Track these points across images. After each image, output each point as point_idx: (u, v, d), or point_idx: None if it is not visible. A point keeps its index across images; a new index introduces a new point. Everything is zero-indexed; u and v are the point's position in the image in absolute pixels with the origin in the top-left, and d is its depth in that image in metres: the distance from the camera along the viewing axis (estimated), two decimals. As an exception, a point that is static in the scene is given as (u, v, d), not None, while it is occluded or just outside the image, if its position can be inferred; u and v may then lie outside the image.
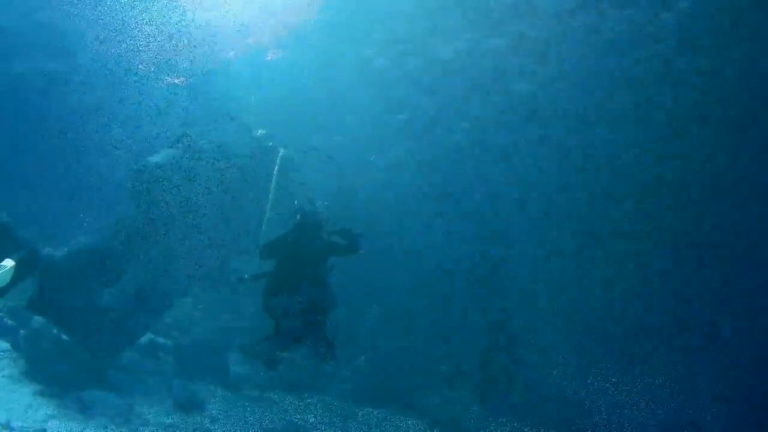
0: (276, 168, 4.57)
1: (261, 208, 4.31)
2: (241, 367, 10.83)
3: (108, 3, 17.27)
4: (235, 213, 4.27)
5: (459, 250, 18.96)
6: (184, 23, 18.56)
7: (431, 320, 14.18)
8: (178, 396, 8.81)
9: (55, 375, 7.82)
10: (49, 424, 7.00)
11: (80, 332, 3.65)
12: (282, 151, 4.77)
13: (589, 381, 17.65)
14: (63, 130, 13.00)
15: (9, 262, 3.56)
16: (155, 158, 4.19)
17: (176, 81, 17.02)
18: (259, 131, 4.99)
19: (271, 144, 4.85)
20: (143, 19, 16.95)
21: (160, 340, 10.21)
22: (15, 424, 6.76)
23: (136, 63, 16.76)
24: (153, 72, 16.63)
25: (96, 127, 14.31)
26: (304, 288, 5.00)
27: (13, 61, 13.05)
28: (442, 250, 17.44)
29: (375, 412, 10.82)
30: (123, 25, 16.44)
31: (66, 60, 14.00)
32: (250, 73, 18.79)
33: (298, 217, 4.56)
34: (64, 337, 7.96)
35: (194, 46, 18.86)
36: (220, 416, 8.91)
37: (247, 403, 9.72)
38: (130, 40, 16.66)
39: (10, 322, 8.78)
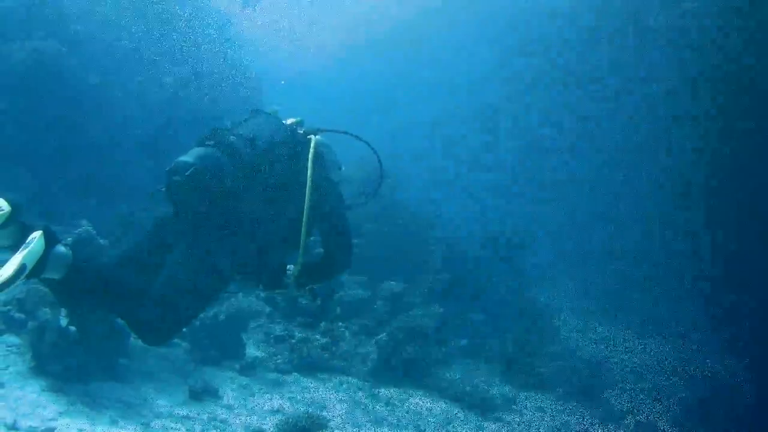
0: (311, 155, 4.33)
1: (300, 198, 4.13)
2: (258, 350, 10.60)
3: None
4: (275, 206, 4.13)
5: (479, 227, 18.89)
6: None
7: (453, 294, 13.92)
8: (193, 384, 8.57)
9: (63, 369, 7.58)
10: (59, 422, 6.76)
11: (130, 317, 3.59)
12: (315, 137, 4.55)
13: (616, 347, 17.47)
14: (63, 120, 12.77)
15: (36, 233, 3.39)
16: (186, 158, 3.96)
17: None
18: (290, 119, 4.79)
19: (302, 131, 4.66)
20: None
21: (173, 325, 9.95)
22: (22, 424, 6.52)
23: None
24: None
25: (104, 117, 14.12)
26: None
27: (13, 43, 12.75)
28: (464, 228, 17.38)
29: (396, 392, 10.55)
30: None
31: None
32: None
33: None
34: (72, 328, 7.73)
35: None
36: (236, 404, 8.67)
37: (264, 388, 9.48)
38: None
39: (18, 315, 8.54)
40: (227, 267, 4.11)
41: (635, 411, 12.38)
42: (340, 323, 11.62)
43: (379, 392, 10.38)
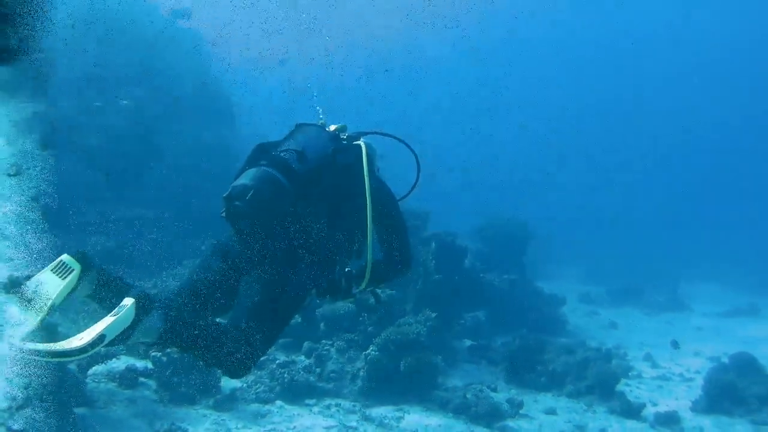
0: (365, 162, 4.37)
1: (358, 205, 4.26)
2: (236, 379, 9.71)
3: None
4: (334, 217, 4.00)
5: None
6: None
7: (450, 293, 13.05)
8: (159, 428, 7.76)
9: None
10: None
11: (215, 354, 3.61)
12: (364, 142, 4.57)
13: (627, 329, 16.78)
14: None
15: (128, 300, 3.34)
16: (244, 181, 3.97)
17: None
18: (333, 126, 4.57)
19: (345, 137, 4.43)
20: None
21: (138, 364, 9.11)
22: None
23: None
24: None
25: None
26: None
27: None
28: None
29: (391, 410, 9.65)
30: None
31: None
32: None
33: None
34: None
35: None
36: (212, 448, 7.83)
37: (243, 423, 8.62)
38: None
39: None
40: (303, 284, 4.11)
41: (653, 401, 11.58)
42: (325, 341, 10.76)
43: (371, 413, 9.49)
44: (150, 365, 9.06)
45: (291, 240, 4.01)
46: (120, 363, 9.07)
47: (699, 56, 57.87)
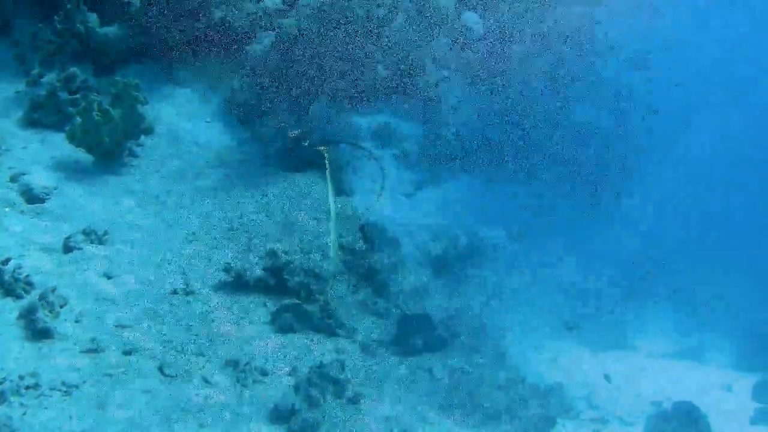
0: (327, 170, 4.83)
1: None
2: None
3: None
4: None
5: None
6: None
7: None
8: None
9: None
10: None
11: None
12: (326, 149, 4.93)
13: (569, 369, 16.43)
14: None
15: None
16: None
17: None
18: (293, 132, 4.41)
19: (306, 144, 4.05)
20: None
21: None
22: None
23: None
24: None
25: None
26: None
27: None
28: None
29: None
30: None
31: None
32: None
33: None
34: None
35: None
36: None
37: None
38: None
39: None
40: None
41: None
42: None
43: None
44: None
45: None
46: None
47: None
